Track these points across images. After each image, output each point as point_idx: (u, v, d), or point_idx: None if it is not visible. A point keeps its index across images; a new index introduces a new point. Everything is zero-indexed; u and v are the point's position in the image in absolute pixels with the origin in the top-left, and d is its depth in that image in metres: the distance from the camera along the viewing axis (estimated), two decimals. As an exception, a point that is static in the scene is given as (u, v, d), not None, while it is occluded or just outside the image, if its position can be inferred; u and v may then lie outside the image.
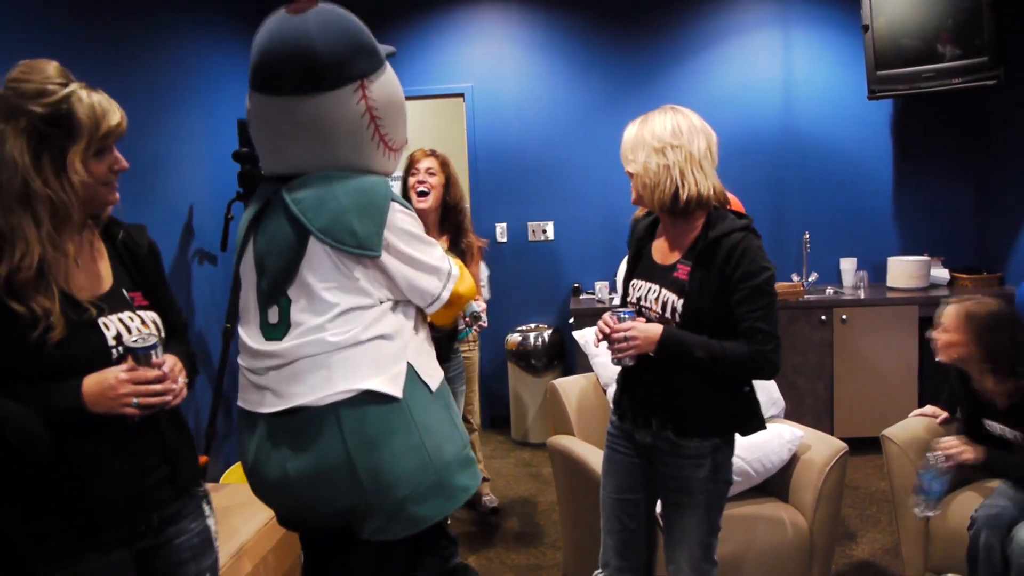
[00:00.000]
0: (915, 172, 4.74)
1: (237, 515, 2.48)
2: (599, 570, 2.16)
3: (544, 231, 5.04)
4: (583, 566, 2.74)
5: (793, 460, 2.64)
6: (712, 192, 1.88)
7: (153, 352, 1.39)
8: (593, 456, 2.53)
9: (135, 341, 1.39)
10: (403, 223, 1.55)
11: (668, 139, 1.86)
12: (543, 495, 3.94)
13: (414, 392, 1.53)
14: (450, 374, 2.57)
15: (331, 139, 1.53)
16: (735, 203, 3.17)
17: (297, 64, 1.48)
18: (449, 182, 2.92)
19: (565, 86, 4.94)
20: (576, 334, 3.16)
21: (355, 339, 1.48)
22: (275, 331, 1.53)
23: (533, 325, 4.92)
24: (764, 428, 1.97)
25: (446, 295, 1.62)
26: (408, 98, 1.73)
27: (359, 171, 1.56)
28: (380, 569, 1.58)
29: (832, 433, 2.73)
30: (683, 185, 1.85)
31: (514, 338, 4.74)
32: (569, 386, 2.95)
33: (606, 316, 1.93)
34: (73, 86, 1.37)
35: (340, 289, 1.50)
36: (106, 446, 1.41)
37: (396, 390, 1.50)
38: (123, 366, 1.38)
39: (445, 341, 2.52)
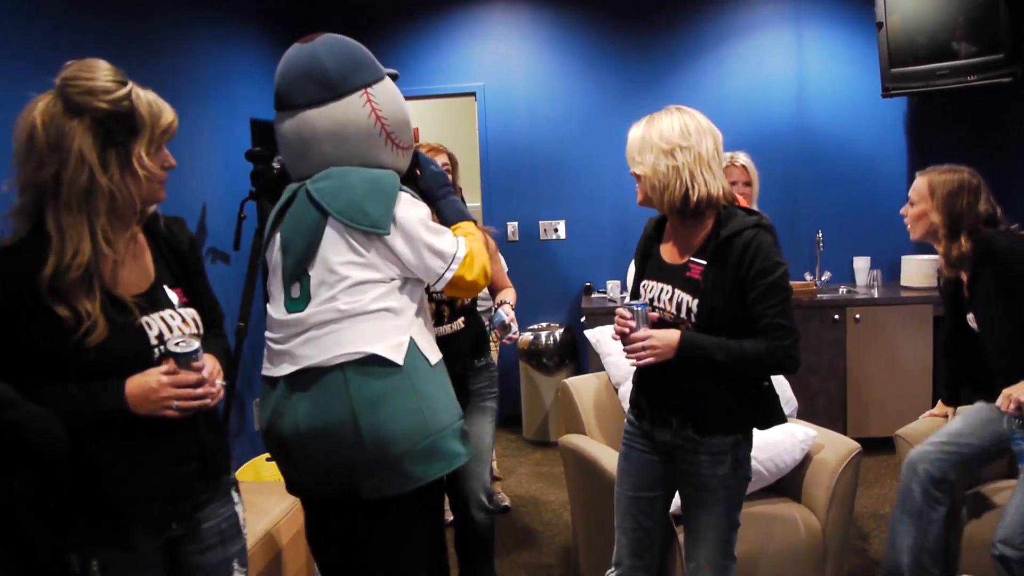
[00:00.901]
0: (930, 170, 4.70)
1: (249, 511, 2.49)
2: (612, 569, 2.16)
3: (556, 230, 5.04)
4: (595, 565, 2.74)
5: (806, 460, 2.63)
6: (721, 192, 1.88)
7: (194, 356, 1.43)
8: (605, 455, 2.53)
9: (177, 345, 1.42)
10: (411, 208, 1.77)
11: (677, 140, 1.85)
12: (555, 494, 3.94)
13: (414, 362, 1.73)
14: (478, 386, 2.56)
15: (347, 140, 1.79)
16: (746, 202, 3.17)
17: (311, 80, 1.77)
18: (453, 177, 2.93)
19: (577, 85, 4.93)
20: (588, 333, 3.15)
21: (363, 308, 1.70)
22: (296, 304, 1.75)
23: (545, 324, 4.92)
24: (784, 421, 1.98)
25: (449, 275, 1.80)
26: (420, 97, 1.91)
27: (373, 167, 1.81)
28: (380, 527, 1.78)
29: (845, 433, 2.72)
30: (693, 186, 1.84)
31: (526, 337, 4.74)
32: (581, 385, 2.94)
33: (621, 310, 1.91)
34: (131, 84, 1.40)
35: (352, 264, 1.72)
36: (144, 444, 1.44)
37: (398, 357, 1.70)
38: (164, 368, 1.40)
39: (468, 357, 2.51)
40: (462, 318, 2.50)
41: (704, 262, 1.88)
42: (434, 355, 1.82)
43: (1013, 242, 2.29)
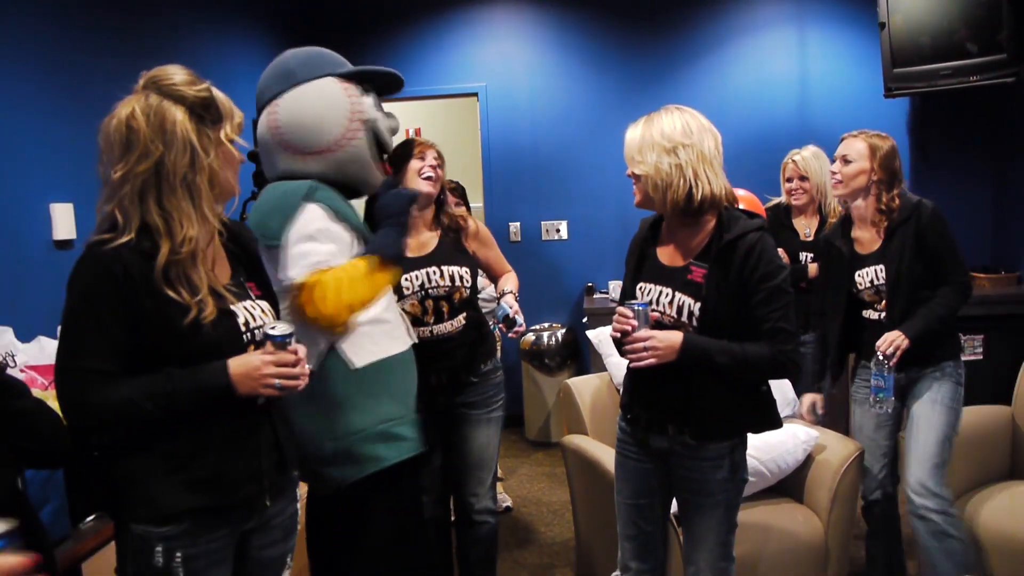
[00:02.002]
0: (932, 171, 4.69)
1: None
2: (617, 572, 2.16)
3: (558, 230, 5.04)
4: (597, 565, 2.74)
5: (808, 460, 2.63)
6: (723, 191, 1.87)
7: (290, 339, 1.49)
8: (607, 456, 2.53)
9: (273, 328, 1.49)
10: (306, 220, 1.81)
11: (679, 138, 1.83)
12: (556, 494, 3.94)
13: (331, 366, 1.81)
14: (485, 395, 2.52)
15: (261, 155, 1.98)
16: (752, 202, 3.16)
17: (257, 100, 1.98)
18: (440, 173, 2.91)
19: (579, 85, 4.93)
20: (590, 333, 3.15)
21: (285, 315, 1.76)
22: None
23: (547, 324, 4.92)
24: (780, 427, 1.96)
25: (283, 285, 1.78)
26: (422, 98, 1.95)
27: (286, 177, 1.90)
28: (333, 517, 1.90)
29: (847, 433, 2.71)
30: (696, 185, 1.82)
31: (528, 337, 4.74)
32: (583, 385, 2.94)
33: (623, 309, 1.88)
34: (208, 82, 1.52)
35: (273, 272, 1.78)
36: (238, 431, 1.50)
37: (312, 364, 1.76)
38: (265, 350, 1.47)
39: (471, 362, 2.48)
40: (463, 315, 2.44)
41: (706, 265, 1.87)
42: (361, 358, 1.84)
43: (935, 213, 2.45)
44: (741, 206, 1.96)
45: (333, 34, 4.69)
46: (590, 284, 4.93)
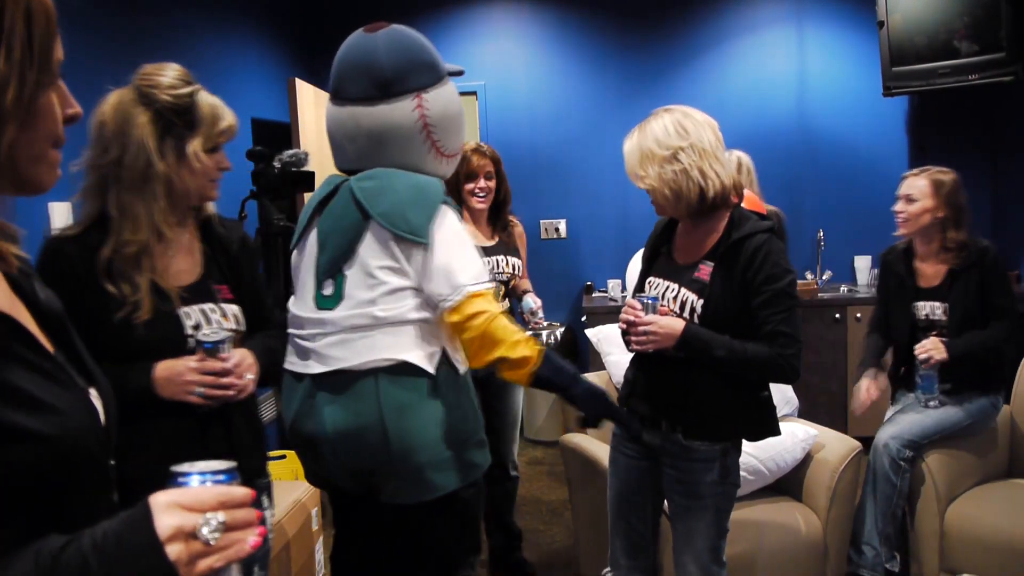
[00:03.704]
0: (931, 169, 4.70)
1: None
2: (607, 569, 2.16)
3: (557, 229, 5.04)
4: (596, 564, 2.74)
5: (807, 459, 2.63)
6: (731, 182, 1.85)
7: (221, 347, 1.46)
8: (606, 455, 2.53)
9: (205, 335, 1.47)
10: (450, 223, 1.69)
11: (675, 142, 1.80)
12: (555, 493, 3.94)
13: (445, 372, 1.70)
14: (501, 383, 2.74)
15: (388, 143, 1.73)
16: (755, 202, 3.16)
17: (364, 76, 1.72)
18: (500, 180, 3.03)
19: (578, 84, 4.93)
20: (589, 332, 3.15)
21: (401, 316, 1.65)
22: (328, 301, 1.70)
23: (546, 323, 4.91)
24: (777, 435, 1.96)
25: (446, 305, 1.64)
26: None
27: (414, 171, 1.74)
28: (399, 532, 1.76)
29: (846, 432, 2.72)
30: (706, 183, 1.80)
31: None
32: (581, 384, 2.94)
33: (632, 301, 1.88)
34: (197, 86, 1.51)
35: (390, 270, 1.66)
36: (170, 433, 1.47)
37: (431, 366, 1.67)
38: (194, 357, 1.45)
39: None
40: (506, 299, 2.85)
41: (712, 263, 1.86)
42: (463, 364, 1.76)
43: (997, 257, 2.57)
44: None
45: (332, 33, 4.69)
46: (589, 283, 4.93)
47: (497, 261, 2.85)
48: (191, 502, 0.72)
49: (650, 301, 1.85)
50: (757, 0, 4.76)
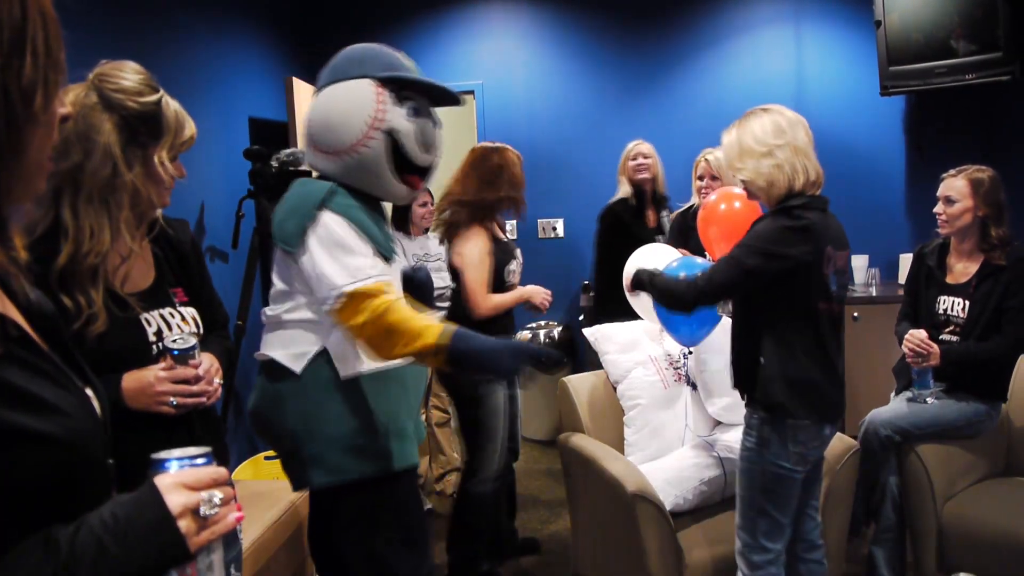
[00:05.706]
0: (928, 169, 4.68)
1: (246, 510, 2.49)
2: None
3: (554, 228, 5.04)
4: (593, 564, 2.74)
5: (804, 458, 2.63)
6: (818, 175, 2.03)
7: (191, 353, 1.43)
8: (603, 453, 2.53)
9: (174, 342, 1.43)
10: (324, 227, 1.72)
11: (772, 140, 1.99)
12: (553, 492, 3.94)
13: (316, 372, 1.77)
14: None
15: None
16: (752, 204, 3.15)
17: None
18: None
19: (575, 83, 4.93)
20: (586, 331, 3.15)
21: (279, 317, 1.80)
22: None
23: (543, 322, 4.91)
24: (837, 420, 2.12)
25: (327, 308, 1.68)
26: None
27: (314, 171, 1.89)
28: (319, 516, 1.94)
29: (843, 431, 2.72)
30: (796, 178, 1.98)
31: (523, 335, 4.74)
32: (579, 383, 2.94)
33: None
34: (162, 92, 1.45)
35: (279, 275, 1.82)
36: (137, 445, 1.43)
37: (296, 366, 1.77)
38: (161, 365, 1.41)
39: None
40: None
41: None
42: (348, 369, 1.77)
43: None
44: (738, 203, 2.01)
45: (330, 33, 4.69)
46: (586, 282, 4.92)
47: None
48: (192, 481, 0.81)
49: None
50: (755, 0, 4.76)
